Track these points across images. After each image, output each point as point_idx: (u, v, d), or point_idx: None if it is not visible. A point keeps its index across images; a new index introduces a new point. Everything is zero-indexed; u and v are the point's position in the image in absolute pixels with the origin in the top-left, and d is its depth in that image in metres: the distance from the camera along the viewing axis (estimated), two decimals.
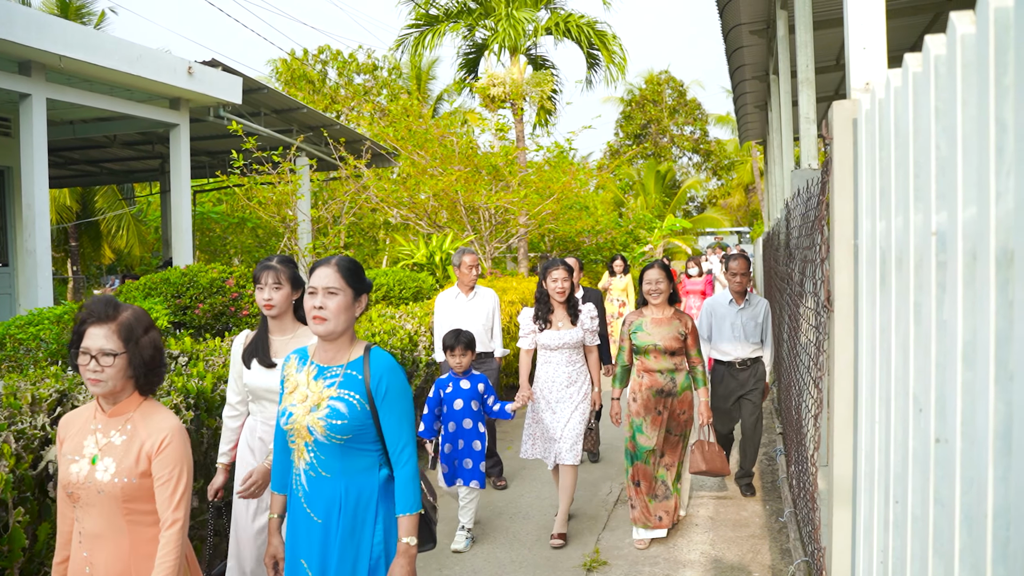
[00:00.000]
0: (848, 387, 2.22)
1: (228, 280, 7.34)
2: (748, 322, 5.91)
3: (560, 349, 5.25)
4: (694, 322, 5.24)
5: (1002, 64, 1.12)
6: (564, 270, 5.24)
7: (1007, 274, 1.11)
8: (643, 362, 5.13)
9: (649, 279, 5.09)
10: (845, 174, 2.16)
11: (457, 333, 5.12)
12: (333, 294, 2.62)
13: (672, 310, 5.13)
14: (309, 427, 2.64)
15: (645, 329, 5.09)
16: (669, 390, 5.05)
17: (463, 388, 5.07)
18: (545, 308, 5.29)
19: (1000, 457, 1.14)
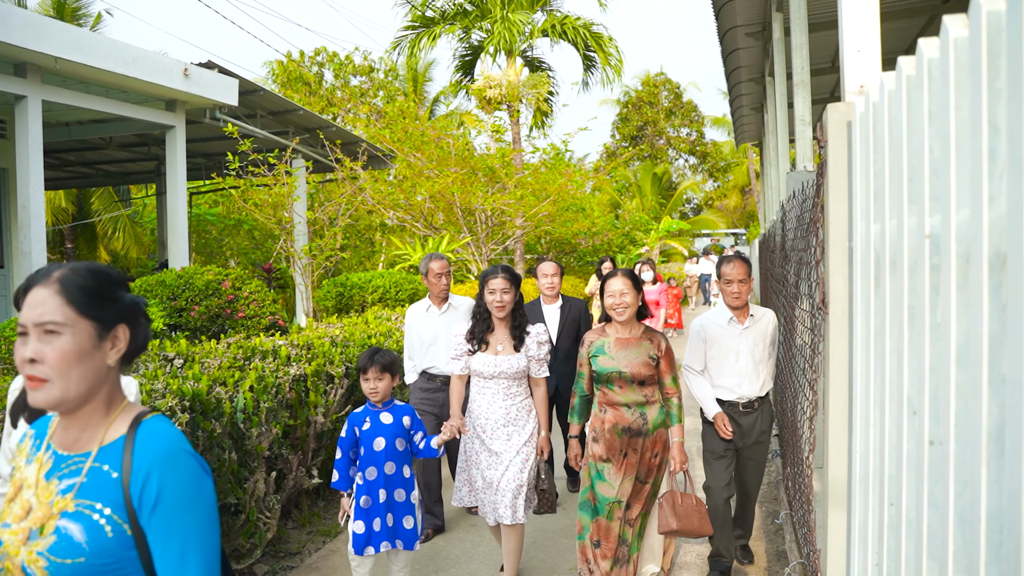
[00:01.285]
0: (843, 389, 2.22)
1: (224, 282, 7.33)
2: (756, 345, 4.46)
3: (496, 378, 4.30)
4: (667, 341, 4.22)
5: (995, 68, 1.13)
6: (505, 280, 4.28)
7: (1000, 277, 1.11)
8: (605, 393, 4.11)
9: (612, 291, 4.05)
10: (839, 176, 2.17)
11: (372, 353, 4.03)
12: (54, 333, 1.52)
13: (641, 328, 4.16)
14: (24, 567, 1.53)
15: (608, 352, 4.08)
16: (638, 428, 4.05)
17: (383, 423, 4.02)
18: (483, 326, 4.36)
19: (993, 460, 1.14)
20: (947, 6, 8.95)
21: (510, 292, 4.29)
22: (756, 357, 4.43)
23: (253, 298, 7.52)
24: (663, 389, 4.16)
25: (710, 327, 4.50)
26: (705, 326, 4.52)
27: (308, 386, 5.26)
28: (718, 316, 4.52)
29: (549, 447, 4.42)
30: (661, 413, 4.12)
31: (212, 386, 4.25)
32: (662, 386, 4.15)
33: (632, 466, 4.08)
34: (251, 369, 4.70)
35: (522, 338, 4.33)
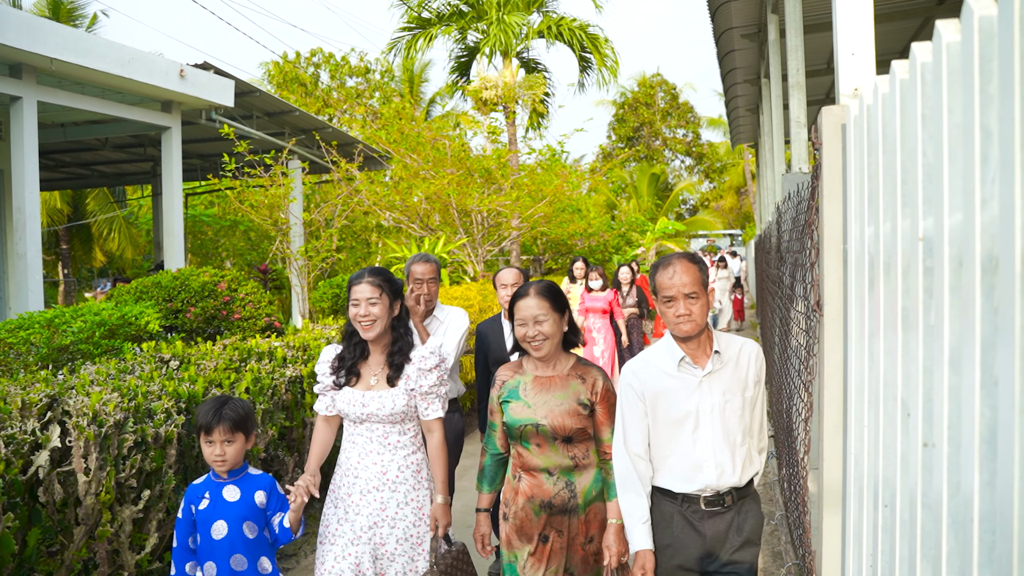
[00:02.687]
0: (837, 391, 2.23)
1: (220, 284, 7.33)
2: (729, 400, 2.66)
3: (367, 423, 3.18)
4: (607, 379, 3.05)
5: (987, 72, 1.13)
6: (372, 286, 3.14)
7: (992, 280, 1.12)
8: (520, 454, 3.03)
9: (522, 316, 2.96)
10: (834, 179, 2.18)
11: (219, 405, 3.02)
12: None
13: (570, 361, 3.06)
14: None
15: (523, 396, 2.99)
16: (563, 504, 2.97)
17: (227, 501, 3.00)
18: (353, 351, 3.25)
19: (986, 462, 1.15)
20: (941, 8, 8.98)
21: (379, 303, 3.14)
22: (728, 421, 2.63)
23: (249, 299, 7.52)
24: (600, 447, 3.00)
25: (649, 376, 2.71)
26: (641, 374, 2.74)
27: (304, 388, 5.26)
28: (661, 357, 2.72)
29: (448, 519, 3.20)
30: (598, 481, 2.99)
31: (208, 388, 4.25)
32: (599, 443, 2.99)
33: (557, 555, 2.97)
34: (247, 371, 4.70)
35: (400, 367, 3.17)
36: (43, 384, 3.63)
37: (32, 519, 3.21)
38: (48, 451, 3.29)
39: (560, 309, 3.01)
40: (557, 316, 2.98)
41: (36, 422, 3.33)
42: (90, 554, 3.48)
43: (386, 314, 3.16)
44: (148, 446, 3.63)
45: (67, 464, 3.44)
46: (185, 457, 3.95)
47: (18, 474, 3.13)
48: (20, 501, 3.13)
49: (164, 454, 3.74)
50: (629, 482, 2.75)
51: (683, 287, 2.57)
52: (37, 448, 3.27)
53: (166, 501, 3.76)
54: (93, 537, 3.44)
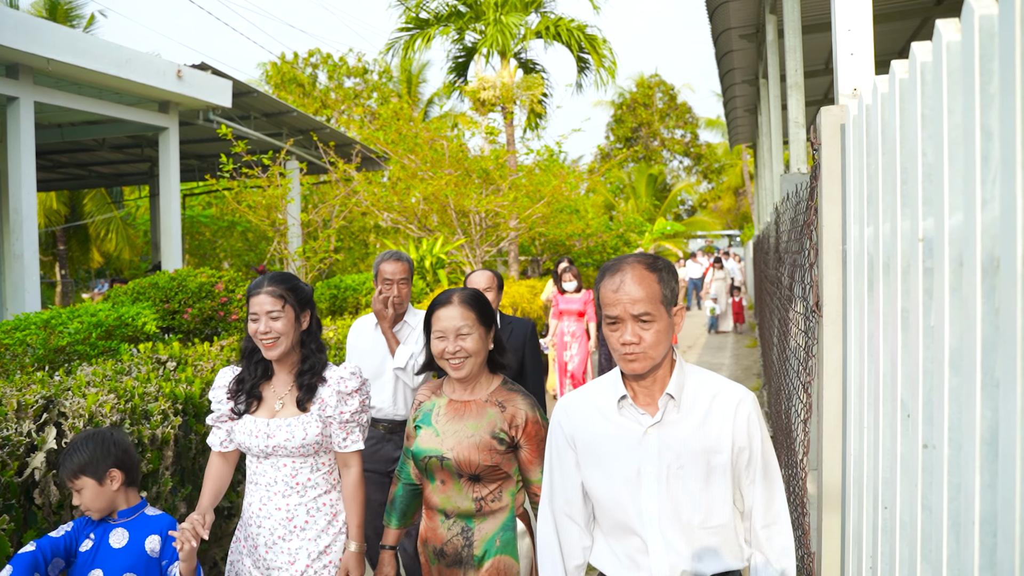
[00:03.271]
0: (837, 392, 2.22)
1: (217, 284, 7.32)
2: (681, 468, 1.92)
3: (273, 457, 2.66)
4: (536, 410, 2.58)
5: (987, 72, 1.13)
6: (272, 296, 2.62)
7: (993, 281, 1.11)
8: (426, 488, 2.64)
9: (442, 327, 2.55)
10: (833, 179, 2.17)
11: (71, 450, 2.60)
12: None
13: (493, 384, 2.62)
14: None
15: (434, 422, 2.59)
16: (455, 553, 2.55)
17: (112, 547, 2.56)
18: (254, 370, 2.75)
19: (987, 464, 1.14)
20: (940, 8, 8.98)
21: (283, 317, 2.62)
22: (678, 494, 1.93)
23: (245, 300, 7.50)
24: (530, 490, 2.58)
25: (583, 416, 2.06)
26: (573, 412, 2.09)
27: None
28: (603, 392, 2.04)
29: (361, 570, 2.73)
30: (507, 530, 2.53)
31: (205, 389, 4.24)
32: (528, 485, 2.58)
33: None
34: None
35: (312, 388, 2.67)
36: (39, 385, 3.62)
37: (27, 522, 3.19)
38: (44, 453, 3.28)
39: (487, 323, 2.58)
40: (483, 331, 2.55)
41: (32, 424, 3.32)
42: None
43: (291, 329, 2.64)
44: (145, 448, 3.62)
45: None
46: (182, 459, 3.94)
47: (13, 476, 3.11)
48: (15, 503, 3.12)
49: (161, 456, 3.73)
50: (547, 554, 2.11)
51: (631, 305, 1.83)
52: (33, 450, 3.26)
53: (163, 503, 3.75)
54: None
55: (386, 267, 3.80)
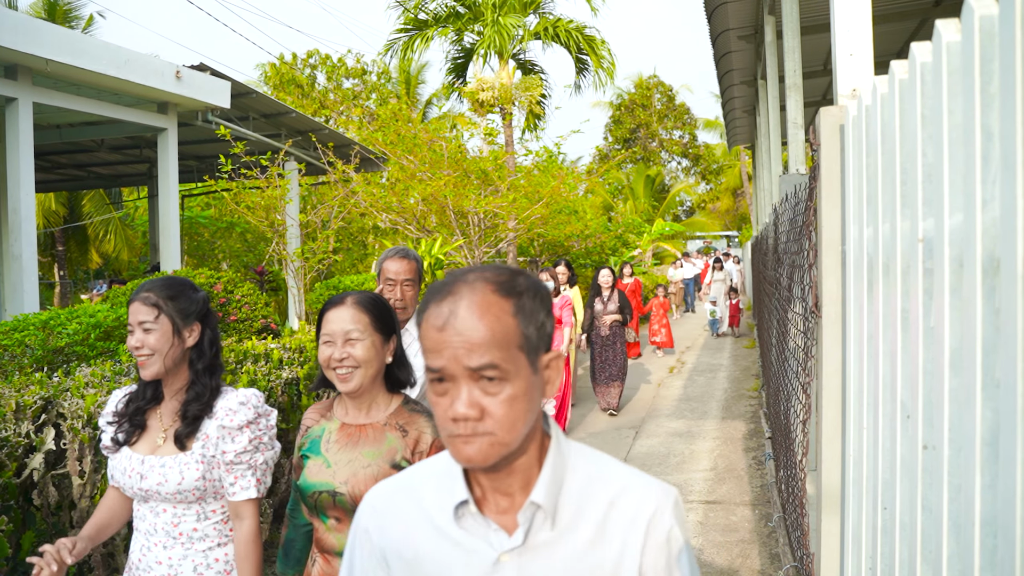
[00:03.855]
0: (836, 393, 2.22)
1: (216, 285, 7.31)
2: None
3: (152, 501, 2.25)
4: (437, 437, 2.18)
5: (987, 72, 1.13)
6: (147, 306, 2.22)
7: (993, 282, 1.11)
8: (316, 529, 2.26)
9: (330, 328, 2.19)
10: (832, 180, 2.17)
11: None
12: None
13: (392, 404, 2.25)
14: None
15: (325, 451, 2.22)
16: None
17: None
18: (144, 392, 2.32)
19: (987, 465, 1.14)
20: (938, 10, 8.99)
21: (156, 330, 2.21)
22: None
23: (245, 301, 7.50)
24: None
25: (403, 525, 1.29)
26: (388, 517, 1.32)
27: (300, 390, 5.24)
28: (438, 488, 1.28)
29: None
30: None
31: None
32: None
33: None
34: (243, 372, 4.68)
35: (195, 421, 2.24)
36: (38, 386, 3.61)
37: (26, 522, 3.19)
38: (42, 454, 3.28)
39: (385, 330, 2.19)
40: (378, 339, 2.16)
41: (30, 424, 3.31)
42: (85, 557, 3.46)
43: (167, 344, 2.19)
44: None
45: (61, 467, 3.42)
46: None
47: (12, 477, 3.11)
48: (14, 504, 3.11)
49: None
50: None
51: (467, 353, 1.11)
52: (31, 451, 3.25)
53: None
54: None
55: (390, 265, 3.33)
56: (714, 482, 6.35)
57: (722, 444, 7.55)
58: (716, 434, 7.96)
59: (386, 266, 3.36)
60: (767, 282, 6.95)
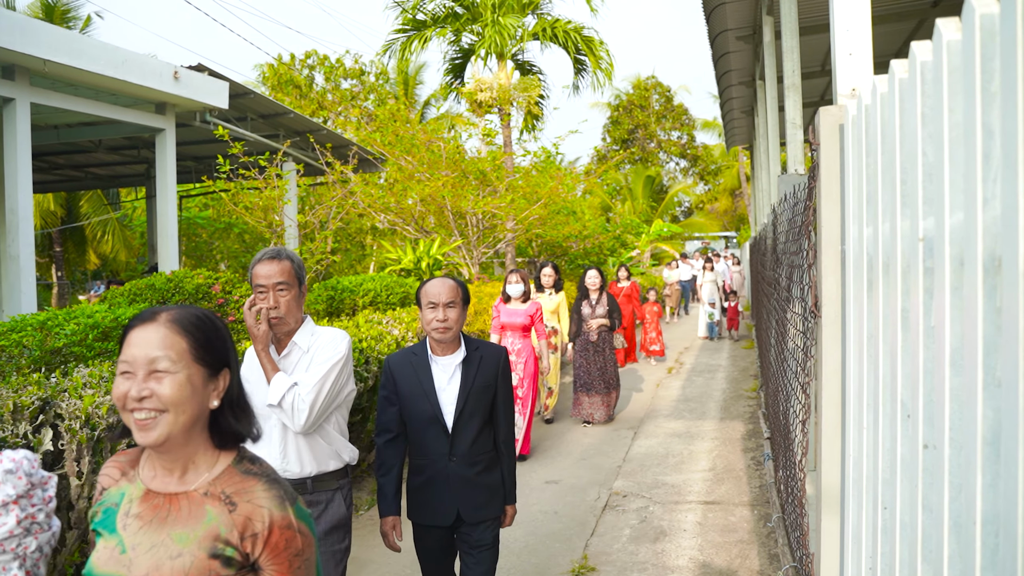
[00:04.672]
0: (836, 392, 2.22)
1: (214, 286, 7.30)
2: None
3: None
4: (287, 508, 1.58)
5: (988, 71, 1.12)
6: None
7: (995, 280, 1.11)
8: None
9: (130, 354, 1.55)
10: (832, 180, 2.17)
11: None
12: None
13: (220, 465, 1.63)
14: None
15: (121, 527, 1.57)
16: None
17: None
18: None
19: (988, 463, 1.14)
20: (936, 10, 9.00)
21: None
22: None
23: (243, 301, 7.49)
24: None
25: None
26: None
27: None
28: None
29: None
30: None
31: None
32: None
33: None
34: None
35: None
36: (35, 387, 3.60)
37: None
38: (40, 454, 3.27)
39: (211, 361, 1.60)
40: (199, 373, 1.58)
41: (28, 425, 3.30)
42: (82, 558, 3.45)
43: None
44: None
45: (59, 467, 3.41)
46: None
47: None
48: None
49: None
50: None
51: None
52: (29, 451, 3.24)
53: None
54: (86, 541, 3.42)
55: (260, 269, 2.85)
56: (713, 482, 6.35)
57: (721, 445, 7.54)
58: (715, 435, 7.96)
59: (256, 270, 2.88)
60: (766, 282, 6.95)
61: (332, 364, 2.84)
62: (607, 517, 5.69)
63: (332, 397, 2.85)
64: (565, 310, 8.77)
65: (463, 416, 3.19)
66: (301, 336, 2.91)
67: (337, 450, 2.95)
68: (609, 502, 6.00)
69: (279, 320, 2.83)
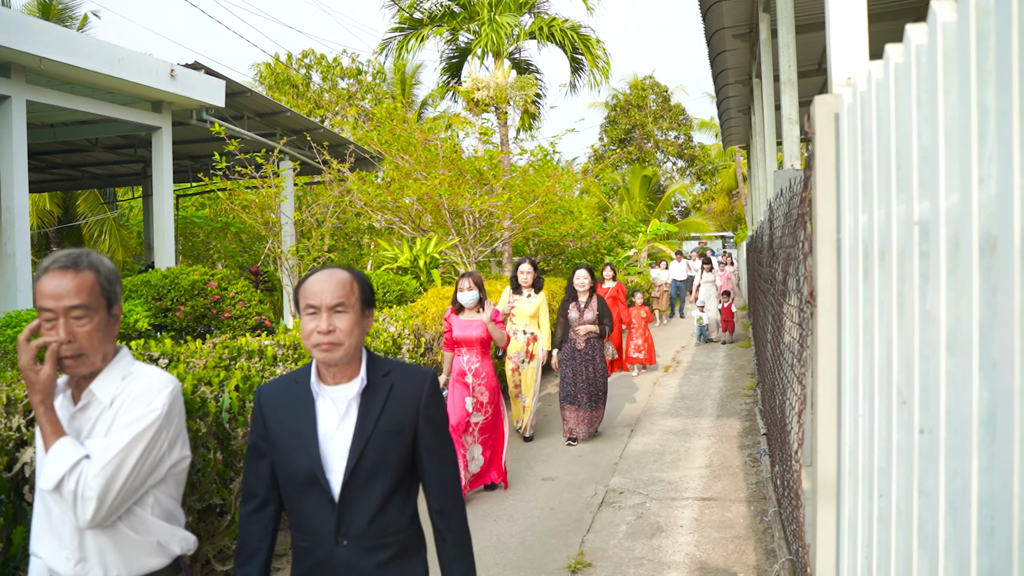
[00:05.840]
0: (831, 382, 2.21)
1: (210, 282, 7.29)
2: None
3: None
4: None
5: (984, 49, 1.12)
6: None
7: (990, 260, 1.10)
8: None
9: None
10: (827, 168, 2.16)
11: None
12: None
13: None
14: None
15: None
16: None
17: None
18: None
19: (984, 446, 1.13)
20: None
21: None
22: None
23: (239, 298, 7.48)
24: None
25: None
26: None
27: None
28: None
29: None
30: None
31: (197, 385, 4.22)
32: None
33: None
34: (237, 369, 4.67)
35: None
36: None
37: (17, 517, 3.16)
38: (33, 448, 3.26)
39: None
40: None
41: (21, 419, 3.29)
42: None
43: None
44: None
45: None
46: None
47: (3, 471, 3.09)
48: (5, 498, 3.09)
49: None
50: None
51: None
52: (22, 445, 3.23)
53: None
54: None
55: (46, 285, 2.00)
56: (709, 479, 6.35)
57: (717, 442, 7.54)
58: (711, 432, 7.96)
59: (41, 286, 2.01)
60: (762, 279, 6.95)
61: (142, 429, 2.00)
62: (603, 513, 5.68)
63: (142, 478, 2.01)
64: (546, 313, 7.90)
65: (358, 476, 2.13)
66: (103, 383, 2.07)
67: (160, 541, 2.11)
68: (606, 499, 6.00)
69: (75, 360, 2.00)
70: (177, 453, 2.13)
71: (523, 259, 7.88)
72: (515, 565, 4.81)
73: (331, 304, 2.10)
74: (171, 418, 2.08)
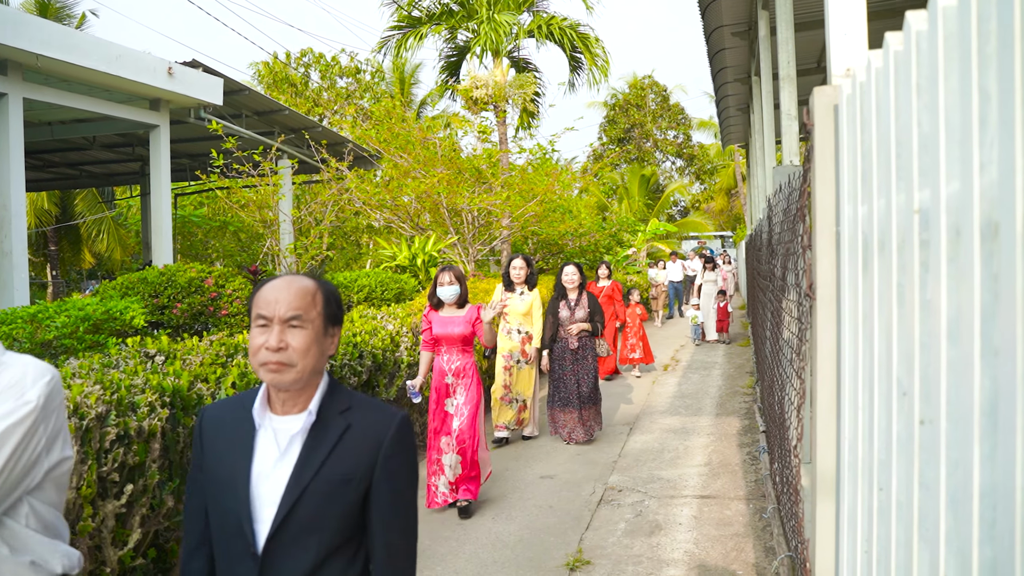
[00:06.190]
0: (831, 375, 2.19)
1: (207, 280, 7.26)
2: None
3: None
4: None
5: (984, 33, 1.10)
6: None
7: (992, 246, 1.09)
8: None
9: None
10: (826, 160, 2.14)
11: None
12: None
13: None
14: None
15: None
16: None
17: None
18: None
19: (986, 436, 1.11)
20: None
21: None
22: None
23: (236, 296, 7.45)
24: None
25: None
26: None
27: None
28: None
29: None
30: None
31: (193, 382, 4.20)
32: None
33: None
34: (233, 366, 4.64)
35: None
36: None
37: None
38: None
39: None
40: None
41: None
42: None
43: None
44: (131, 440, 3.58)
45: None
46: (170, 452, 3.89)
47: None
48: None
49: (148, 448, 3.69)
50: None
51: None
52: None
53: (149, 496, 3.71)
54: (74, 532, 3.39)
55: None
56: (708, 477, 6.33)
57: (716, 440, 7.53)
58: (710, 430, 7.94)
59: None
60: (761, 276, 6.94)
61: (11, 423, 1.69)
62: (602, 511, 5.67)
63: (12, 483, 1.70)
64: (539, 311, 7.71)
65: (288, 530, 1.76)
66: None
67: (36, 560, 1.77)
68: (604, 496, 5.98)
69: None
70: (57, 454, 1.79)
71: (515, 255, 7.66)
72: (514, 563, 4.80)
73: (285, 316, 1.76)
74: (49, 412, 1.75)
